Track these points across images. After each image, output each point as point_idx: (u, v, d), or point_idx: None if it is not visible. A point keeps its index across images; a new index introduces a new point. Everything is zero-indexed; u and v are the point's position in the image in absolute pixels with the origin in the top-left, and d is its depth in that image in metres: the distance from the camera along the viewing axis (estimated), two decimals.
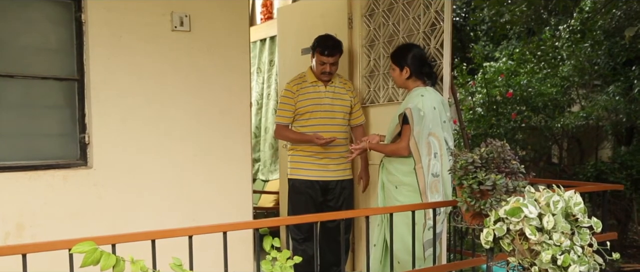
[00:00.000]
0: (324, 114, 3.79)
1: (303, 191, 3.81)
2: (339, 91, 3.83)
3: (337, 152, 3.81)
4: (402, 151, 3.22)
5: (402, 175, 3.27)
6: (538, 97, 5.86)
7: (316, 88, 3.81)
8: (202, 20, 3.33)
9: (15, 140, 2.91)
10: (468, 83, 6.60)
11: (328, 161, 3.80)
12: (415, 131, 3.17)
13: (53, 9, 3.02)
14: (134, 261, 1.66)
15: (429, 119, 3.16)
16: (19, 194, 2.86)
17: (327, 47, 3.71)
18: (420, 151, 3.17)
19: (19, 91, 2.92)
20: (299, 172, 3.85)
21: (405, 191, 3.26)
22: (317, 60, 3.75)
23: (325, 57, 3.71)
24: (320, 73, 3.76)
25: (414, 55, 3.35)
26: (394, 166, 3.32)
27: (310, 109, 3.78)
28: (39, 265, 1.99)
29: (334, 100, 3.80)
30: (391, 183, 3.33)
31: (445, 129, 3.24)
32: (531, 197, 1.99)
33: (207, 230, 2.24)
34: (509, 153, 2.35)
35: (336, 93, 3.82)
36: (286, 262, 2.03)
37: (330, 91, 3.80)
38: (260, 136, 5.88)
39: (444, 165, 3.20)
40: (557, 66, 6.39)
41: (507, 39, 8.46)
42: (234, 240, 2.39)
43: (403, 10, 3.73)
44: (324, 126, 3.79)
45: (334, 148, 3.79)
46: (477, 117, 6.04)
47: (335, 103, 3.81)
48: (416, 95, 3.26)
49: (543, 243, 1.88)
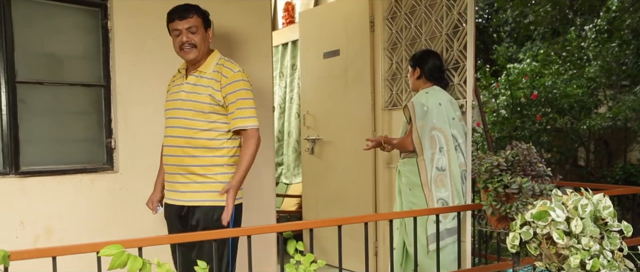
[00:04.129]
0: (176, 112, 2.67)
1: (166, 216, 2.79)
2: (203, 82, 2.65)
3: (185, 167, 2.64)
4: (407, 145, 3.35)
5: (414, 176, 3.34)
6: (563, 98, 5.78)
7: (178, 79, 2.77)
8: (224, 26, 3.35)
9: (44, 145, 2.97)
10: (491, 85, 6.54)
11: (173, 177, 2.69)
12: (419, 125, 3.26)
13: (80, 17, 3.07)
14: (160, 263, 1.68)
15: (433, 114, 3.24)
16: (48, 198, 2.91)
17: (177, 11, 2.65)
18: (423, 143, 3.25)
19: (47, 97, 2.98)
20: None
21: (417, 193, 3.32)
22: (172, 35, 2.68)
23: (177, 22, 2.63)
24: (180, 48, 2.65)
25: (428, 59, 3.44)
26: (408, 168, 3.39)
27: (165, 107, 2.76)
28: (67, 267, 2.02)
29: (188, 95, 2.64)
30: (406, 186, 3.41)
31: (454, 126, 3.28)
32: (558, 201, 1.95)
33: (232, 233, 2.25)
34: (535, 156, 2.33)
35: (197, 85, 2.65)
36: (310, 266, 2.03)
37: (190, 83, 2.66)
38: (283, 140, 5.90)
39: (451, 160, 3.24)
40: (583, 67, 6.29)
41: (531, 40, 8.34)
42: (258, 243, 2.39)
43: (425, 12, 3.71)
44: (178, 129, 2.65)
45: (181, 159, 2.64)
46: (500, 119, 5.97)
47: (189, 98, 2.63)
48: (421, 93, 3.37)
49: (571, 247, 1.85)
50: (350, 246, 3.16)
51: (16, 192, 2.83)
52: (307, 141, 4.80)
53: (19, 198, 2.84)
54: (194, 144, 2.62)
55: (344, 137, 4.46)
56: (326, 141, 4.64)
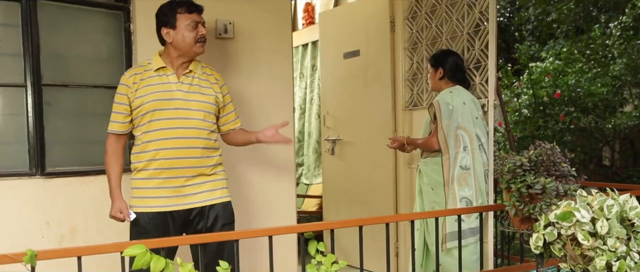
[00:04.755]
0: (174, 113, 2.55)
1: (150, 229, 2.54)
2: (199, 83, 2.64)
3: (195, 168, 2.61)
4: (432, 144, 3.32)
5: (438, 175, 3.33)
6: (587, 97, 5.69)
7: (163, 78, 2.58)
8: (245, 27, 3.37)
9: (69, 146, 3.02)
10: (513, 84, 6.47)
11: (179, 181, 2.58)
12: (444, 124, 3.24)
13: (103, 20, 3.12)
14: (183, 263, 1.69)
15: (458, 112, 3.22)
16: (73, 199, 2.96)
17: (194, 4, 2.62)
18: (448, 142, 3.23)
19: (72, 100, 3.03)
20: (142, 202, 2.58)
21: (440, 192, 3.30)
22: (187, 25, 2.57)
23: (196, 14, 2.60)
24: (197, 41, 2.59)
25: (450, 59, 3.42)
26: (431, 167, 3.37)
27: (152, 107, 2.53)
28: (91, 266, 2.05)
29: (189, 95, 2.59)
30: (428, 186, 3.39)
31: (477, 126, 3.28)
32: (583, 201, 1.92)
33: (254, 234, 2.26)
34: (559, 155, 2.29)
35: (194, 85, 2.62)
36: (331, 267, 2.03)
37: (186, 83, 2.60)
38: (304, 141, 5.91)
39: (476, 159, 3.23)
40: (607, 65, 6.19)
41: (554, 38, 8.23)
42: (278, 244, 2.40)
43: (446, 11, 3.69)
44: (173, 131, 2.55)
45: (188, 160, 2.58)
46: (523, 119, 5.91)
47: (191, 98, 2.60)
48: (445, 92, 3.35)
49: (597, 249, 1.82)
50: (370, 246, 3.15)
51: (42, 193, 2.89)
52: (328, 141, 4.80)
53: (45, 198, 2.89)
54: (205, 145, 2.62)
55: (364, 137, 4.45)
56: (346, 141, 4.64)
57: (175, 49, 2.59)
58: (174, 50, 2.59)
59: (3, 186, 2.81)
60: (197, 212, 2.62)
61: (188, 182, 2.59)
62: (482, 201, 3.22)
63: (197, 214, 2.62)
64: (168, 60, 2.61)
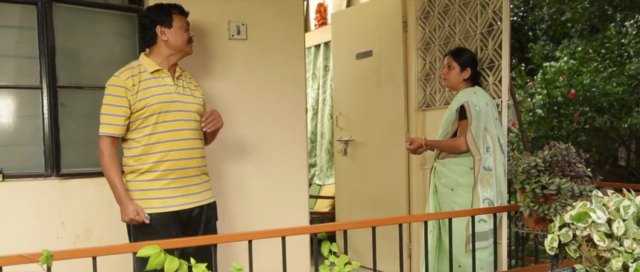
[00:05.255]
0: (176, 115, 2.63)
1: (159, 229, 2.57)
2: (189, 86, 2.76)
3: (198, 167, 2.71)
4: (460, 146, 3.22)
5: (458, 176, 3.25)
6: (603, 97, 5.64)
7: (160, 80, 2.63)
8: (258, 29, 3.38)
9: (84, 148, 3.05)
10: (527, 84, 6.42)
11: (186, 180, 2.65)
12: (473, 126, 3.18)
13: (117, 22, 3.14)
14: (196, 264, 1.70)
15: (483, 113, 3.19)
16: (88, 199, 2.99)
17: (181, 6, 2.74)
18: (478, 144, 3.18)
19: (86, 101, 3.05)
20: (148, 203, 2.58)
21: (462, 193, 3.24)
22: (181, 25, 2.68)
23: (186, 18, 2.74)
24: (187, 42, 2.71)
25: (474, 59, 3.39)
26: (449, 168, 3.31)
27: (159, 109, 2.58)
28: (105, 266, 2.07)
29: (184, 97, 2.68)
30: (446, 186, 3.31)
31: (497, 126, 3.26)
32: (599, 202, 1.90)
33: (267, 235, 2.27)
34: (574, 156, 2.27)
35: (186, 88, 2.72)
36: (344, 267, 2.02)
37: (180, 86, 2.69)
38: (317, 141, 5.92)
39: (497, 160, 3.21)
40: (623, 64, 6.12)
41: (568, 38, 8.16)
42: (291, 244, 2.40)
43: (459, 11, 3.67)
44: (185, 132, 2.65)
45: (193, 161, 2.68)
46: (537, 119, 5.87)
47: (186, 100, 2.68)
48: (468, 92, 3.28)
49: (613, 250, 1.80)
50: (383, 247, 3.14)
51: (57, 194, 2.92)
52: (340, 142, 4.80)
53: (60, 199, 2.92)
54: (202, 145, 2.76)
55: (376, 138, 4.45)
56: (359, 142, 4.63)
57: (168, 48, 2.65)
58: (167, 49, 2.65)
59: (19, 186, 2.84)
60: (198, 211, 2.71)
61: (192, 181, 2.68)
62: (501, 202, 3.19)
63: (198, 213, 2.71)
64: (159, 62, 2.65)
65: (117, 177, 2.55)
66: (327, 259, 2.06)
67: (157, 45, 2.66)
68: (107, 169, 2.56)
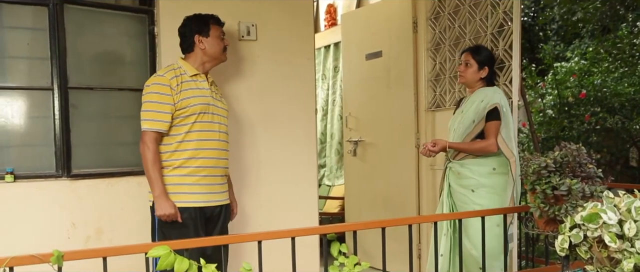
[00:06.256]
0: (212, 117, 2.79)
1: (188, 223, 2.70)
2: (218, 91, 2.95)
3: (223, 168, 2.87)
4: (491, 148, 3.14)
5: (479, 177, 3.18)
6: (614, 97, 5.59)
7: (198, 83, 2.79)
8: (268, 29, 3.39)
9: (95, 148, 3.07)
10: (538, 85, 6.38)
11: (213, 179, 2.80)
12: (507, 127, 3.13)
13: (128, 23, 3.16)
14: (206, 265, 1.71)
15: (509, 114, 3.17)
16: (98, 200, 3.01)
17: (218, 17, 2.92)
18: (510, 145, 3.12)
19: (97, 102, 3.08)
20: (178, 197, 2.70)
21: (485, 193, 3.18)
22: (217, 35, 2.85)
23: (221, 28, 2.91)
24: (222, 51, 2.88)
25: (492, 58, 3.35)
26: (470, 169, 3.22)
27: (200, 110, 2.73)
28: (116, 267, 2.08)
29: (217, 101, 2.85)
30: (466, 188, 3.23)
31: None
32: (610, 203, 1.89)
33: (277, 235, 2.27)
34: (585, 156, 2.26)
35: (217, 93, 2.91)
36: (354, 268, 2.02)
37: (213, 91, 2.87)
38: (326, 142, 5.92)
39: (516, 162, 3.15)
40: (635, 64, 6.06)
41: (579, 38, 8.10)
42: (301, 245, 2.40)
43: (469, 12, 3.66)
44: (217, 133, 2.81)
45: (221, 161, 2.84)
46: (547, 119, 5.83)
47: (219, 104, 2.86)
48: (493, 92, 3.22)
49: (624, 251, 1.78)
50: (392, 248, 3.13)
51: (68, 194, 2.94)
52: (350, 142, 4.79)
53: (71, 200, 2.94)
54: (228, 148, 2.91)
55: (386, 138, 4.44)
56: (368, 142, 4.63)
57: (205, 55, 2.81)
58: (204, 56, 2.81)
59: (30, 187, 2.87)
60: (219, 210, 2.83)
61: (218, 181, 2.81)
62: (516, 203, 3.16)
63: (218, 212, 2.83)
64: (195, 67, 2.79)
65: (160, 173, 2.66)
66: (336, 259, 2.06)
67: (194, 52, 2.81)
68: (152, 164, 2.64)
